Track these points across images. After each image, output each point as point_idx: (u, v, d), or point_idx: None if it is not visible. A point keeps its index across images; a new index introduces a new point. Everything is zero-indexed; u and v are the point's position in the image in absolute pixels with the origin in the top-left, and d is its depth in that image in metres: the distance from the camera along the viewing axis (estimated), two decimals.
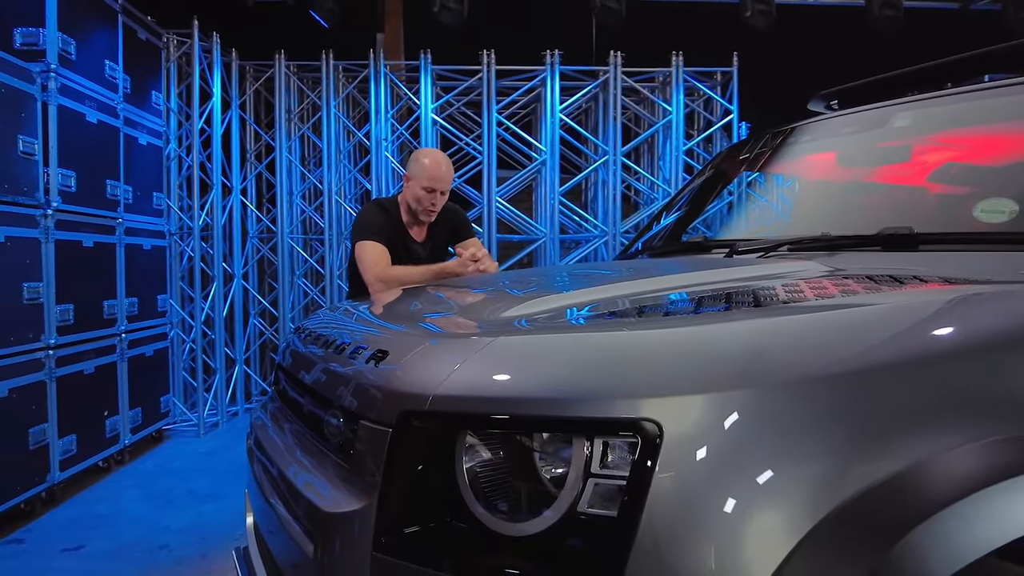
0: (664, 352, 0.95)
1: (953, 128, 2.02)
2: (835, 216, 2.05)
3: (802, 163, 2.43)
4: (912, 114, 2.11)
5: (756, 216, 2.39)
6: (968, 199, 1.77)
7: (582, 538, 0.86)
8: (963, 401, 0.96)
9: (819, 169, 2.39)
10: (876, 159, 2.18)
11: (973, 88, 2.06)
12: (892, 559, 0.82)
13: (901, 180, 2.07)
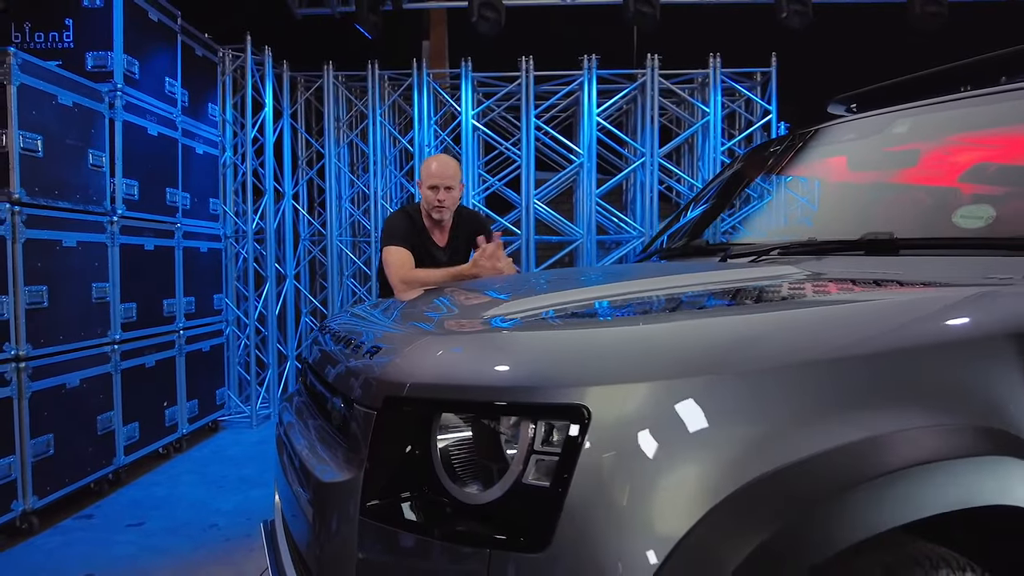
0: (597, 348, 1.08)
1: (950, 135, 2.06)
2: (834, 220, 2.12)
3: (809, 167, 2.49)
4: (911, 120, 2.16)
5: (760, 220, 2.47)
6: (951, 205, 1.83)
7: (525, 506, 1.00)
8: (869, 395, 1.06)
9: (825, 173, 2.45)
10: (875, 164, 2.23)
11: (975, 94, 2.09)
12: (790, 530, 0.93)
13: (895, 185, 2.12)
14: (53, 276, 3.29)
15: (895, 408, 1.12)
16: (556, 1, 5.97)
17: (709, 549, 0.92)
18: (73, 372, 3.44)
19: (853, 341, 1.16)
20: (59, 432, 3.31)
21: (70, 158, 3.45)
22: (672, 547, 0.92)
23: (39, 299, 3.20)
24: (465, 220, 3.02)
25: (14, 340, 3.07)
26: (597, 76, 5.99)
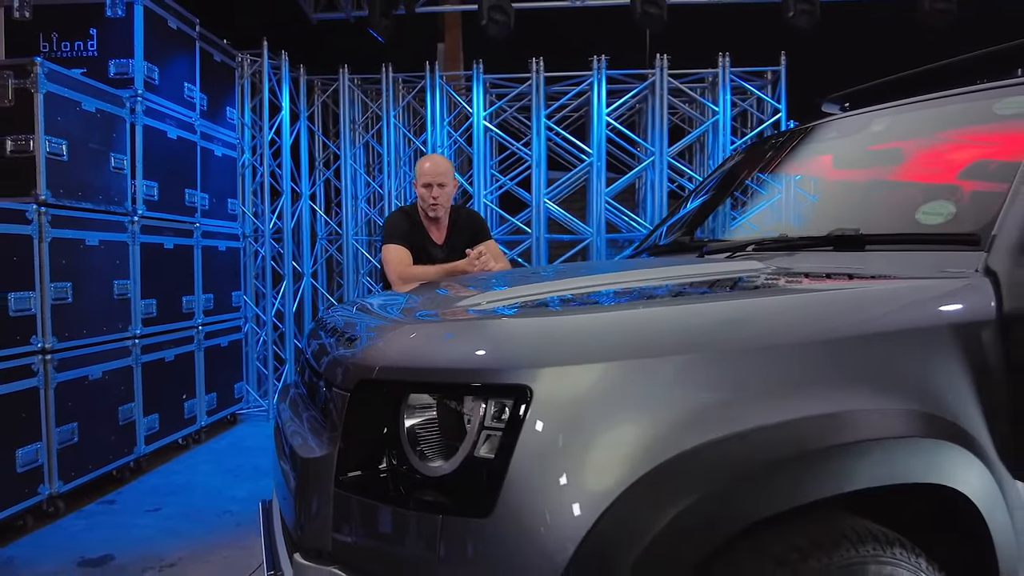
0: (541, 334, 1.18)
1: (921, 135, 2.12)
2: (815, 217, 2.19)
3: (794, 166, 2.56)
4: (886, 119, 2.22)
5: (746, 217, 2.54)
6: (916, 202, 1.89)
7: (475, 475, 1.10)
8: (804, 380, 1.15)
9: (809, 172, 2.51)
10: (854, 162, 2.30)
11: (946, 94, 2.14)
12: (713, 498, 1.02)
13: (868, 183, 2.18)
14: (77, 273, 3.47)
15: (830, 391, 1.21)
16: (565, 4, 6.05)
17: (635, 514, 1.01)
18: (96, 365, 3.61)
19: (790, 329, 1.24)
20: (83, 421, 3.49)
21: (93, 161, 3.63)
22: (601, 512, 1.01)
23: (64, 295, 3.38)
24: (464, 220, 3.13)
25: (40, 333, 3.25)
26: (607, 76, 6.07)
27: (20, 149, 3.24)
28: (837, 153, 2.33)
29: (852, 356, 1.24)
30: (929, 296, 1.44)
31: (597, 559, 1.00)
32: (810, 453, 1.10)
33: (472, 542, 1.07)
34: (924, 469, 1.23)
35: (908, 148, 2.16)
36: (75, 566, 2.83)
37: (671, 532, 1.00)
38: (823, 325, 1.23)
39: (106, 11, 3.95)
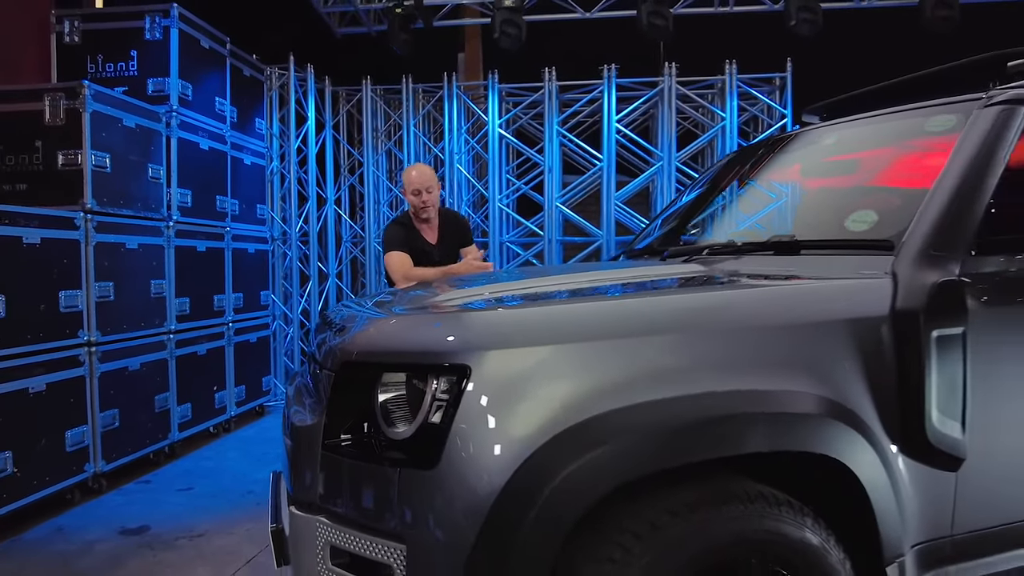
0: (481, 324, 1.44)
1: (858, 150, 2.32)
2: (774, 222, 2.41)
3: (760, 175, 2.77)
4: (837, 133, 2.43)
5: (713, 223, 2.75)
6: (847, 210, 2.10)
7: (426, 437, 1.37)
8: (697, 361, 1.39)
9: (771, 180, 2.72)
10: (805, 171, 2.50)
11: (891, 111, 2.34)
12: (611, 454, 1.28)
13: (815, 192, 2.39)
14: (118, 274, 3.83)
15: (731, 373, 1.45)
16: (575, 16, 6.28)
17: (546, 465, 1.27)
18: (135, 357, 3.98)
19: (697, 320, 1.49)
20: (123, 408, 3.86)
21: (133, 172, 3.99)
22: (520, 463, 1.27)
23: (107, 293, 3.75)
24: (451, 220, 3.53)
25: (86, 328, 3.61)
26: (618, 84, 6.30)
27: (69, 163, 3.62)
28: (793, 163, 2.54)
29: (755, 344, 1.47)
30: (837, 294, 1.67)
31: (515, 500, 1.26)
32: (699, 421, 1.34)
33: (421, 489, 1.34)
34: (809, 441, 1.45)
35: (853, 161, 2.36)
36: (116, 534, 3.17)
37: (574, 478, 1.26)
38: (729, 317, 1.47)
39: (145, 34, 4.33)
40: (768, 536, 1.40)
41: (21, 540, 3.13)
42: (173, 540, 3.09)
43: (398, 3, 5.81)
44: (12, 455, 3.15)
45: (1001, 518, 1.73)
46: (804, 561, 1.44)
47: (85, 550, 3.01)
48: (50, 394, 3.38)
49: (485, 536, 1.26)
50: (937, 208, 1.74)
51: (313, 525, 1.54)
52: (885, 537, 1.53)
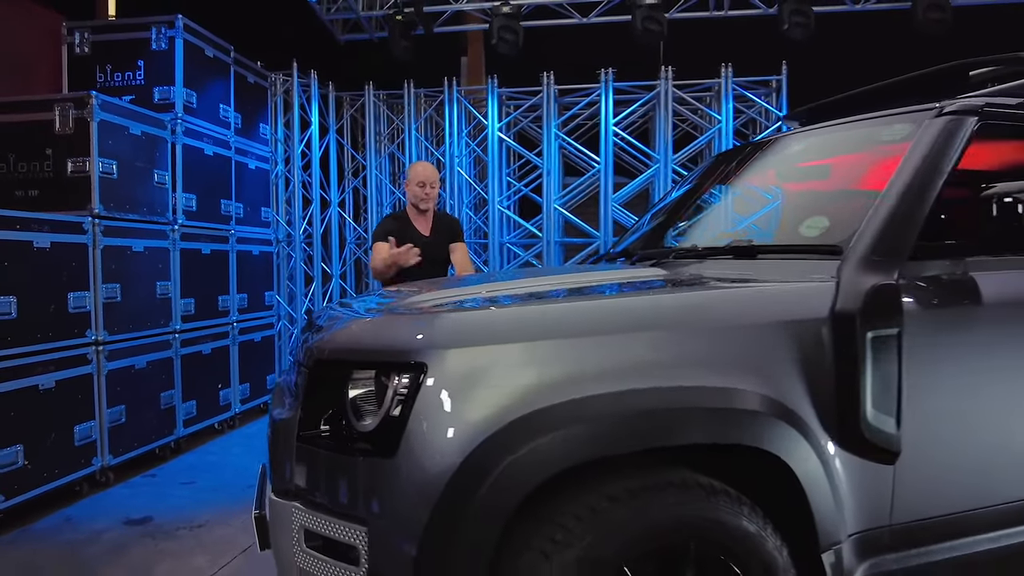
0: (435, 327, 1.56)
1: (820, 158, 2.42)
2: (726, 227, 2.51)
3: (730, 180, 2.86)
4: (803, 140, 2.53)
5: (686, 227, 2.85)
6: (803, 216, 2.20)
7: (387, 429, 1.49)
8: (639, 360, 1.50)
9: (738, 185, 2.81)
10: (782, 178, 2.60)
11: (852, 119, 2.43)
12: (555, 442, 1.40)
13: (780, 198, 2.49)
14: (125, 276, 3.99)
15: (672, 370, 1.56)
16: (571, 21, 6.39)
17: (493, 453, 1.38)
18: (141, 355, 4.14)
19: (640, 321, 1.60)
20: (130, 404, 4.01)
21: (139, 178, 4.15)
22: (469, 452, 1.39)
23: (114, 294, 3.91)
24: (444, 219, 3.75)
25: (94, 327, 3.77)
26: (615, 88, 6.40)
27: (78, 170, 3.78)
28: (760, 170, 2.64)
29: (701, 343, 1.58)
30: (781, 297, 1.77)
31: (464, 484, 1.38)
32: (640, 414, 1.46)
33: (381, 476, 1.46)
34: (745, 436, 1.56)
35: (814, 168, 2.46)
36: (121, 524, 3.33)
37: (518, 464, 1.38)
38: (676, 318, 1.59)
39: (151, 45, 4.49)
40: (705, 523, 1.51)
41: (31, 529, 3.29)
42: (174, 530, 3.24)
43: (398, 10, 5.94)
44: (23, 448, 3.32)
45: (939, 509, 1.83)
46: (742, 547, 1.54)
47: (91, 539, 3.17)
48: (59, 391, 3.54)
49: (436, 517, 1.38)
50: (881, 215, 1.83)
51: (289, 511, 1.67)
52: (820, 526, 1.63)
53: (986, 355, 1.87)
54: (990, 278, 1.91)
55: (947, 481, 1.84)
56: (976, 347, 1.86)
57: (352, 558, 1.52)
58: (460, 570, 1.39)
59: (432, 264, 3.44)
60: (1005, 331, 1.90)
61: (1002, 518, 1.89)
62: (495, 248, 6.59)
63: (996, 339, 1.89)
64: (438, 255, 3.55)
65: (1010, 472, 1.90)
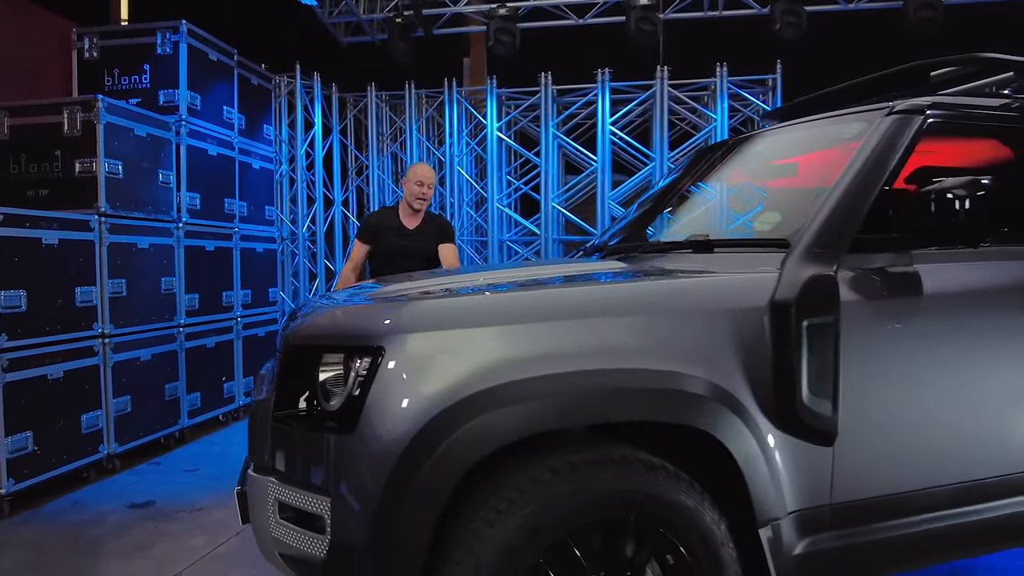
0: (392, 315, 1.68)
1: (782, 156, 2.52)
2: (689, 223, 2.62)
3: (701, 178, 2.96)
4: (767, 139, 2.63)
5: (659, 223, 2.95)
6: (755, 212, 2.30)
7: (349, 407, 1.62)
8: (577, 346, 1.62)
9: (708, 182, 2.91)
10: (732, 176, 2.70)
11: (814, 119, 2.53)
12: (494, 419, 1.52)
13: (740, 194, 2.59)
14: (130, 272, 4.16)
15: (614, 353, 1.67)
16: (567, 23, 6.49)
17: (442, 428, 1.51)
18: (146, 348, 4.31)
19: (583, 309, 1.72)
20: (135, 395, 4.19)
21: (144, 178, 4.32)
22: (420, 428, 1.51)
23: (119, 289, 4.08)
24: (437, 220, 3.90)
25: (100, 321, 3.94)
26: (612, 88, 6.50)
27: (85, 170, 3.95)
28: (728, 168, 2.74)
29: (646, 329, 1.69)
30: (726, 287, 1.88)
31: (414, 458, 1.51)
32: (581, 393, 1.58)
33: (342, 450, 1.59)
34: (683, 416, 1.67)
35: (776, 166, 2.56)
36: (125, 508, 3.49)
37: (463, 439, 1.50)
38: (621, 306, 1.71)
39: (157, 49, 4.66)
40: (644, 497, 1.62)
41: (40, 511, 3.47)
42: (174, 513, 3.40)
43: (398, 13, 6.08)
44: (33, 435, 3.49)
45: (878, 490, 1.92)
46: (680, 520, 1.66)
47: (96, 521, 3.34)
48: (67, 381, 3.71)
49: (389, 488, 1.51)
50: (826, 210, 1.94)
51: (266, 485, 1.80)
52: (757, 503, 1.74)
53: (927, 344, 1.97)
54: (935, 270, 2.01)
55: (886, 463, 1.94)
56: (918, 336, 1.96)
57: (319, 527, 1.65)
58: (411, 536, 1.52)
59: (414, 259, 3.60)
60: (946, 321, 1.99)
61: (940, 500, 1.98)
62: (494, 245, 6.72)
63: (937, 329, 1.98)
64: (421, 250, 3.69)
65: (948, 456, 2.00)
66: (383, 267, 3.76)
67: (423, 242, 3.71)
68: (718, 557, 1.69)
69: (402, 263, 3.55)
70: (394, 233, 3.70)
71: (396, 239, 3.68)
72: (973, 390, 2.01)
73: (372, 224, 3.83)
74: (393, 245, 3.68)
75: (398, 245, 3.67)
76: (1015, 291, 2.07)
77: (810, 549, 1.85)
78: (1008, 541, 2.13)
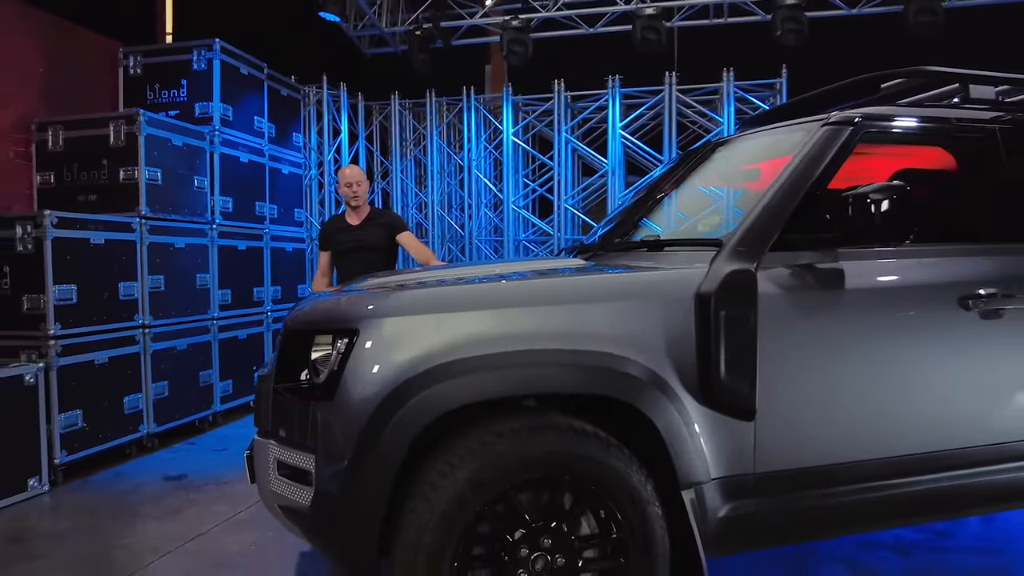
0: (366, 303, 2.01)
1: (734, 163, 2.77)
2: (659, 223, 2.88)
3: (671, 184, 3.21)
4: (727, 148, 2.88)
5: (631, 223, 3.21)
6: (700, 214, 2.56)
7: (331, 380, 1.95)
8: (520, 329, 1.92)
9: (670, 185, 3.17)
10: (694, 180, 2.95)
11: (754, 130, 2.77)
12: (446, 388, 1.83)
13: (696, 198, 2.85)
14: (168, 269, 4.60)
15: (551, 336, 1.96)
16: (577, 32, 6.76)
17: (402, 396, 1.82)
18: (182, 339, 4.74)
19: (530, 298, 2.01)
20: (172, 381, 4.62)
21: (181, 183, 4.76)
22: (384, 396, 1.83)
23: (158, 285, 4.51)
24: (381, 215, 4.19)
25: (141, 313, 4.38)
26: (625, 93, 6.75)
27: (128, 177, 4.40)
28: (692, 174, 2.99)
29: (587, 316, 1.98)
30: (661, 280, 2.15)
31: (381, 418, 1.82)
32: (512, 369, 1.87)
33: (323, 415, 1.92)
34: (610, 389, 1.95)
35: (733, 172, 2.81)
36: (161, 480, 3.91)
37: (418, 405, 1.81)
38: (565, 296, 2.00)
39: (193, 65, 5.09)
40: (577, 458, 1.91)
41: (89, 481, 3.91)
42: (203, 485, 3.80)
43: (417, 26, 6.43)
44: (82, 413, 3.94)
45: (800, 462, 2.16)
46: (610, 479, 1.93)
47: (136, 489, 3.76)
48: (111, 366, 4.15)
49: (359, 445, 1.84)
50: (753, 213, 2.19)
51: (267, 447, 2.15)
52: (680, 468, 2.00)
53: (844, 333, 2.20)
54: (857, 266, 2.24)
55: (807, 438, 2.17)
56: (836, 325, 2.19)
57: (306, 480, 1.99)
58: (374, 485, 1.84)
59: (365, 251, 3.98)
60: (862, 312, 2.22)
61: (861, 474, 2.21)
62: (509, 245, 7.03)
63: (854, 319, 2.21)
64: (370, 243, 4.01)
65: (865, 435, 2.22)
66: (341, 264, 4.10)
67: (371, 235, 4.01)
68: (645, 513, 1.97)
69: (356, 257, 3.93)
70: (343, 233, 4.04)
71: (346, 237, 4.02)
72: (886, 374, 2.23)
73: (326, 231, 4.18)
74: (344, 243, 4.01)
75: (348, 242, 4.00)
76: (929, 286, 2.29)
77: (733, 513, 2.09)
78: (925, 515, 2.36)
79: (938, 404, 2.31)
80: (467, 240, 7.20)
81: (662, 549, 1.99)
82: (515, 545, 1.90)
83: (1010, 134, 2.51)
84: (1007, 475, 2.39)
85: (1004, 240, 2.47)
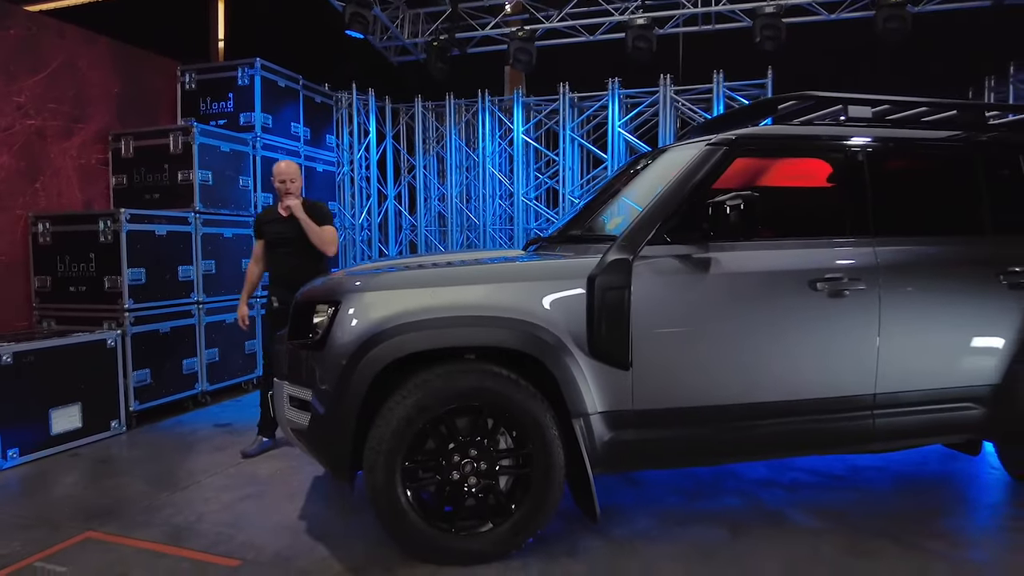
0: (348, 281, 2.80)
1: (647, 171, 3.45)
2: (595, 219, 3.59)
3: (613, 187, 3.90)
4: (647, 159, 3.57)
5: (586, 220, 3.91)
6: (617, 215, 3.26)
7: (321, 342, 2.75)
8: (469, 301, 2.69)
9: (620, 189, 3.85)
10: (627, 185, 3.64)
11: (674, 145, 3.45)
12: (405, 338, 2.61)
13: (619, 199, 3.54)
14: (217, 254, 5.52)
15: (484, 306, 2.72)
16: (579, 39, 7.41)
17: (367, 347, 2.61)
18: (230, 313, 5.67)
19: (473, 278, 2.77)
20: (221, 348, 5.56)
21: (228, 183, 5.66)
22: (355, 347, 2.62)
23: (210, 268, 5.44)
24: (311, 206, 4.25)
25: (196, 291, 5.31)
26: (625, 94, 7.38)
27: (184, 179, 5.32)
28: (621, 178, 3.68)
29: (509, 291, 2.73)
30: (566, 267, 2.88)
31: (355, 362, 2.61)
32: (459, 323, 2.63)
33: (317, 359, 2.73)
34: (520, 344, 2.69)
35: (644, 180, 3.49)
36: (211, 426, 4.85)
37: (378, 352, 2.60)
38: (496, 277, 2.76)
39: (238, 81, 5.99)
40: (493, 393, 2.66)
41: (156, 426, 4.87)
42: (245, 431, 4.70)
43: (435, 37, 7.19)
44: (150, 371, 4.89)
45: (670, 402, 2.86)
46: (518, 408, 2.68)
47: (192, 432, 4.70)
48: (173, 335, 5.10)
49: (339, 380, 2.64)
50: (638, 215, 2.90)
51: (282, 386, 2.99)
52: (570, 403, 2.73)
53: (711, 305, 2.88)
54: (726, 256, 2.92)
55: (676, 384, 2.85)
56: (705, 300, 2.87)
57: (307, 408, 2.81)
58: (349, 408, 2.62)
59: (290, 241, 4.10)
60: (727, 290, 2.90)
61: (724, 415, 2.89)
62: (520, 233, 7.76)
63: (720, 295, 2.88)
64: (291, 236, 4.10)
65: (728, 384, 2.89)
66: (271, 253, 4.26)
67: (294, 230, 4.09)
68: (545, 434, 2.71)
69: (282, 247, 4.14)
70: (273, 224, 4.26)
71: (274, 228, 4.23)
72: (745, 337, 2.91)
73: (259, 221, 4.30)
74: (272, 233, 4.18)
75: (276, 232, 4.22)
76: (784, 272, 2.95)
77: (616, 439, 2.81)
78: (778, 451, 3.03)
79: (790, 361, 2.97)
80: (482, 229, 7.97)
81: (557, 460, 2.73)
82: (450, 452, 2.69)
83: (874, 149, 3.13)
84: (850, 423, 3.04)
85: (858, 236, 3.08)
